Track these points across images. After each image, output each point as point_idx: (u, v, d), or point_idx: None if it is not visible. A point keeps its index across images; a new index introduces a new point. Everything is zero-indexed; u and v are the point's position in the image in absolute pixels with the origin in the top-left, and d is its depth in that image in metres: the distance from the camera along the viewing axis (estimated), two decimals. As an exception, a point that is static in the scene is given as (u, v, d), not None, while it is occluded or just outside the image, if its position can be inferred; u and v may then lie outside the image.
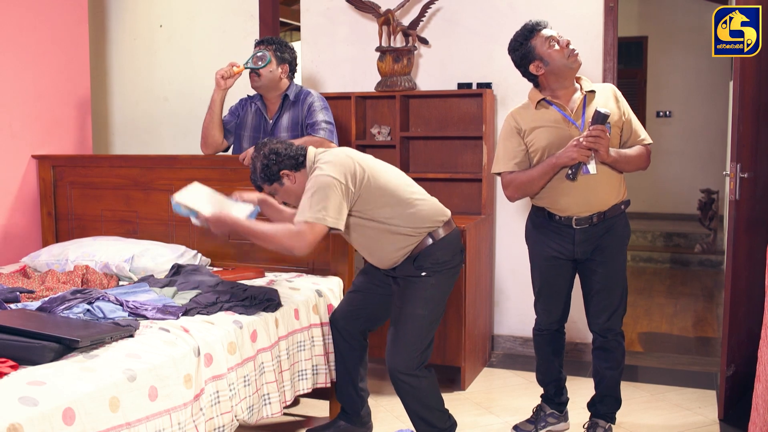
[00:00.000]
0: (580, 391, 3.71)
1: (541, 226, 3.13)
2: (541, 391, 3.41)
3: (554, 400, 3.36)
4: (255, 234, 2.76)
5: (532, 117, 3.04)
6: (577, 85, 3.07)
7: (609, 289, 3.09)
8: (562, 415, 3.38)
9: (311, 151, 2.93)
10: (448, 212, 2.96)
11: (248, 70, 3.56)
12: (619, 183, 3.06)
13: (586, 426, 3.24)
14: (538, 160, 3.01)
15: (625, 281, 3.15)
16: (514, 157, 3.06)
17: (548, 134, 2.99)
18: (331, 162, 2.79)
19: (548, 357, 3.31)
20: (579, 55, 2.99)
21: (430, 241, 2.86)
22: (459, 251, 2.96)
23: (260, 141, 3.00)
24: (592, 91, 3.05)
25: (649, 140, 3.10)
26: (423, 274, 2.85)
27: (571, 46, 2.98)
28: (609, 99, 3.05)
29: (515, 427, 3.37)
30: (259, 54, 3.54)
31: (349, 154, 2.86)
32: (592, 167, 2.93)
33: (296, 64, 3.66)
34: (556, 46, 2.96)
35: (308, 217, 2.68)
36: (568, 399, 3.40)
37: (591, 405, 3.27)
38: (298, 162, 2.88)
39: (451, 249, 2.91)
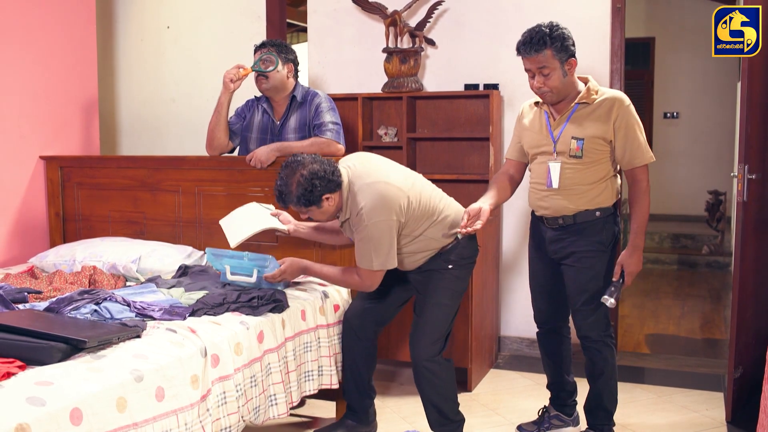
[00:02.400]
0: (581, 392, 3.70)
1: (532, 221, 3.24)
2: (548, 392, 3.41)
3: (557, 402, 3.36)
4: (327, 277, 3.05)
5: (530, 116, 3.14)
6: (582, 87, 2.99)
7: (577, 293, 3.05)
8: (571, 418, 3.36)
9: (344, 171, 2.88)
10: None
11: (255, 74, 3.56)
12: (597, 193, 2.99)
13: None
14: (528, 157, 3.16)
15: (600, 289, 3.02)
16: (511, 147, 3.27)
17: (530, 139, 3.12)
18: (381, 199, 2.79)
19: (544, 357, 3.33)
20: (550, 93, 2.92)
21: (454, 240, 2.99)
22: (477, 246, 3.09)
23: (289, 159, 2.87)
24: (586, 104, 2.94)
25: (641, 161, 2.95)
26: (450, 267, 2.97)
27: (540, 83, 2.90)
28: (600, 117, 2.92)
29: (519, 427, 3.37)
30: (265, 57, 3.54)
31: (392, 182, 2.85)
32: (609, 301, 2.94)
33: (299, 63, 3.67)
34: (531, 79, 2.94)
35: (375, 266, 2.84)
36: (575, 402, 3.38)
37: (585, 413, 3.24)
38: (337, 184, 2.84)
39: (472, 245, 3.05)
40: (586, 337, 3.08)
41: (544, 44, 2.85)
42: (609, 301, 2.92)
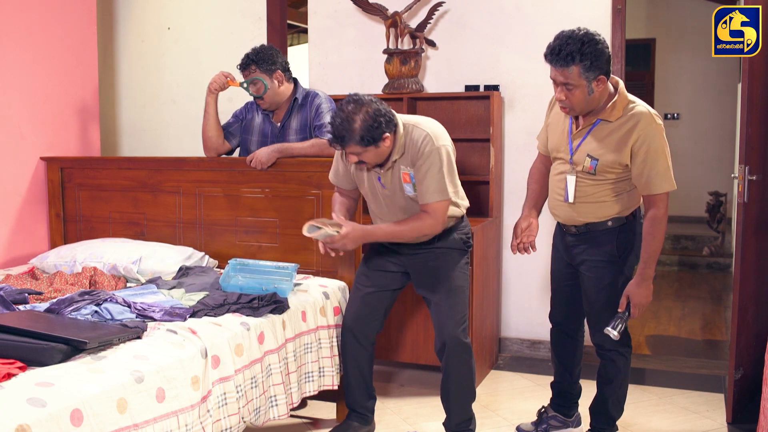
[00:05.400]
0: (584, 394, 3.70)
1: (557, 223, 3.20)
2: (549, 393, 3.41)
3: (556, 403, 3.35)
4: (395, 234, 2.94)
5: (556, 110, 3.03)
6: (613, 92, 2.84)
7: (589, 302, 3.04)
8: (571, 419, 3.35)
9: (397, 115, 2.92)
10: None
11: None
12: (610, 207, 2.91)
13: None
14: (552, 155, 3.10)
15: (610, 300, 2.97)
16: (540, 141, 3.18)
17: (551, 138, 3.05)
18: (440, 127, 2.94)
19: (552, 355, 3.32)
20: (571, 108, 2.80)
21: (462, 214, 3.09)
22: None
23: (350, 97, 2.81)
24: (608, 121, 2.81)
25: (659, 189, 2.82)
26: (467, 248, 3.08)
27: (562, 96, 2.77)
28: (619, 139, 2.79)
29: (518, 428, 3.38)
30: (252, 80, 3.50)
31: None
32: (612, 334, 2.89)
33: (287, 63, 3.63)
34: (555, 87, 2.81)
35: (451, 192, 2.88)
36: (577, 404, 3.37)
37: (590, 413, 3.23)
38: (395, 124, 2.84)
39: (469, 227, 3.15)
40: (599, 345, 3.06)
41: (572, 60, 2.67)
42: (612, 333, 2.86)
